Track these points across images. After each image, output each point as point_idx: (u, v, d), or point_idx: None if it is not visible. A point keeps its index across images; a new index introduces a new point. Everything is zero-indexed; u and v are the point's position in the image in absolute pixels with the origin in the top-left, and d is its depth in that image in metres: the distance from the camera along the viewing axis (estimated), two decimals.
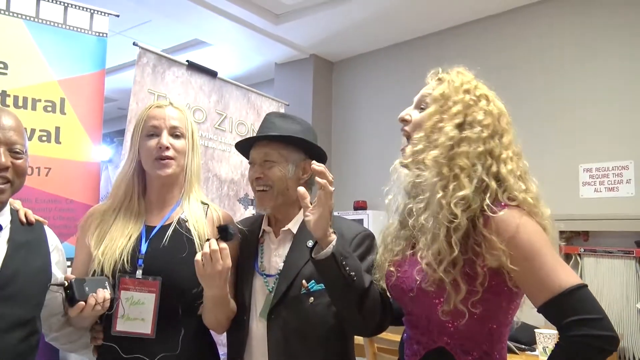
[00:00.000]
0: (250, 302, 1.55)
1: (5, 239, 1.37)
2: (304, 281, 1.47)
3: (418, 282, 1.24)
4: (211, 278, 1.36)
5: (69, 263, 2.06)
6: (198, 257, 1.35)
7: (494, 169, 1.23)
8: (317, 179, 1.29)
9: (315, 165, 1.30)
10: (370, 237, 1.57)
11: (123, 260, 1.46)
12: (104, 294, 1.37)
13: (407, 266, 1.31)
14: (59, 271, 1.51)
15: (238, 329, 1.55)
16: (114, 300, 1.43)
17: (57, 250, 1.52)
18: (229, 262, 1.37)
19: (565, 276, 1.11)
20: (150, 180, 1.60)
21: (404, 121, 1.38)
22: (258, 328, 1.52)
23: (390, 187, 1.42)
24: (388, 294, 1.41)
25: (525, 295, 1.22)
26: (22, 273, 1.34)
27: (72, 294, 1.32)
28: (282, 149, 1.58)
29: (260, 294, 1.55)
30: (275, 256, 1.58)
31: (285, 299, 1.49)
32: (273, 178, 1.56)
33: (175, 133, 1.57)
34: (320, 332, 1.47)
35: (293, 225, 1.60)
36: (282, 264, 1.54)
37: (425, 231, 1.24)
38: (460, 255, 1.17)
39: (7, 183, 1.35)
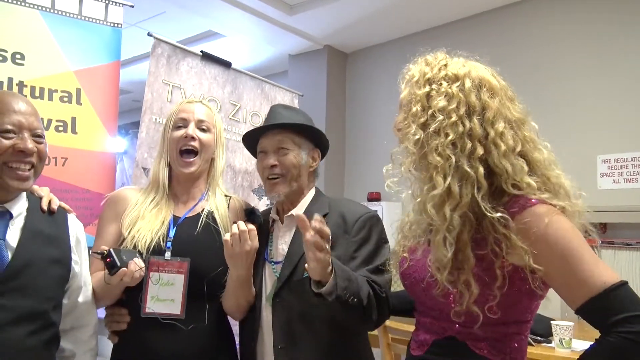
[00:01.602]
0: (260, 289, 1.58)
1: (20, 227, 1.33)
2: (306, 265, 1.47)
3: (430, 274, 1.19)
4: (239, 258, 1.43)
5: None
6: (227, 237, 1.42)
7: (479, 151, 1.13)
8: (308, 238, 1.26)
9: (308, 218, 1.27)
10: (372, 218, 1.57)
11: (159, 239, 1.52)
12: (140, 262, 1.42)
13: (421, 254, 1.26)
14: (78, 265, 1.46)
15: (250, 316, 1.58)
16: (145, 274, 1.47)
17: (77, 242, 1.48)
18: (256, 242, 1.45)
19: (606, 273, 1.04)
20: (175, 174, 1.66)
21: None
22: (267, 314, 1.54)
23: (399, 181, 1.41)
24: (400, 281, 1.39)
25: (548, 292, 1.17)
26: (34, 264, 1.30)
27: (113, 261, 1.35)
28: (295, 137, 1.61)
29: (270, 281, 1.58)
30: (282, 243, 1.61)
31: (289, 283, 1.51)
32: (288, 165, 1.58)
33: (201, 127, 1.63)
34: (324, 313, 1.46)
35: (297, 211, 1.61)
36: (287, 249, 1.57)
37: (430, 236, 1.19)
38: (469, 257, 1.11)
39: (32, 168, 1.33)
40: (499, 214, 1.09)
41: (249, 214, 1.47)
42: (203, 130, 1.63)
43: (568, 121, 3.58)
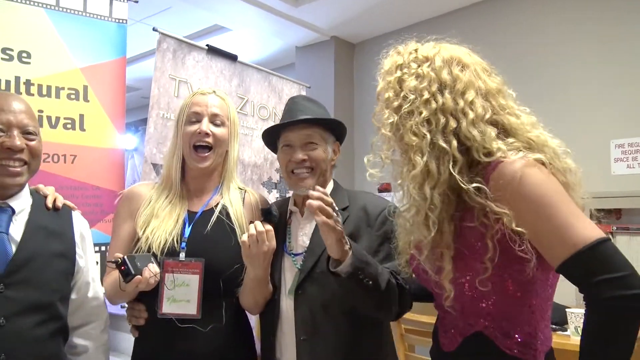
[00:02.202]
0: (280, 282, 1.57)
1: (23, 222, 1.37)
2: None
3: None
4: (256, 258, 1.42)
5: (96, 249, 2.10)
6: (244, 238, 1.41)
7: (451, 124, 1.12)
8: (310, 204, 1.26)
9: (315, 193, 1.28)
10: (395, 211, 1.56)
11: (173, 240, 1.50)
12: (155, 268, 1.41)
13: None
14: (83, 260, 1.50)
15: (269, 309, 1.58)
16: (160, 276, 1.46)
17: (82, 238, 1.51)
18: (274, 242, 1.43)
19: (584, 230, 0.98)
20: (189, 168, 1.64)
21: None
22: (287, 306, 1.53)
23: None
24: (414, 276, 1.38)
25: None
26: (38, 257, 1.34)
27: (127, 269, 1.35)
28: (322, 131, 1.61)
29: (289, 273, 1.57)
30: (301, 235, 1.60)
31: (312, 275, 1.50)
32: (318, 159, 1.58)
33: (215, 121, 1.59)
34: (347, 305, 1.46)
35: None
36: (308, 241, 1.56)
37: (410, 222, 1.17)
38: (447, 235, 1.10)
39: (25, 165, 1.36)
40: (473, 185, 1.08)
41: (266, 214, 1.44)
42: (217, 125, 1.60)
43: (580, 106, 3.51)
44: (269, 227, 1.42)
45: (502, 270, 1.09)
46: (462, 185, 1.09)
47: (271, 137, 1.70)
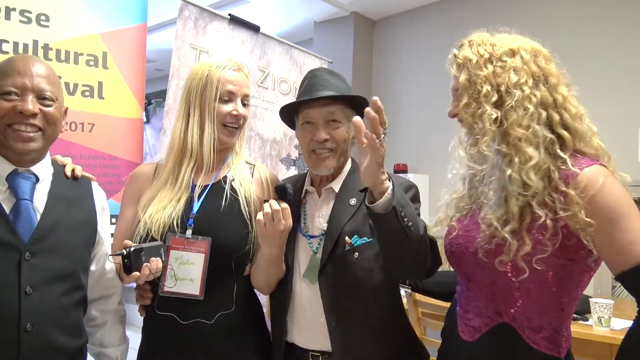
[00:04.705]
0: (293, 263, 1.52)
1: (46, 191, 1.36)
2: (346, 238, 1.44)
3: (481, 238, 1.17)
4: (272, 237, 1.37)
5: (113, 220, 2.05)
6: (260, 217, 1.35)
7: (556, 117, 1.15)
8: (368, 111, 1.16)
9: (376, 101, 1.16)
10: (414, 187, 1.51)
11: (172, 222, 1.44)
12: (157, 263, 1.36)
13: (471, 225, 1.24)
14: (104, 231, 1.48)
15: (281, 289, 1.53)
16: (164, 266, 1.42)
17: (102, 209, 1.50)
18: (290, 221, 1.38)
19: None
20: (208, 141, 1.54)
21: (455, 116, 1.28)
22: (301, 289, 1.49)
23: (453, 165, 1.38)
24: (445, 252, 1.35)
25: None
26: (62, 225, 1.33)
27: (129, 263, 1.32)
28: (346, 108, 1.52)
29: (304, 255, 1.52)
30: (318, 216, 1.54)
31: (332, 259, 1.45)
32: (340, 139, 1.49)
33: (244, 101, 1.55)
34: (369, 285, 1.43)
35: (335, 184, 1.55)
36: (326, 224, 1.50)
37: (491, 199, 1.17)
38: (530, 215, 1.11)
39: (39, 131, 1.32)
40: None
41: (281, 192, 1.38)
42: (245, 104, 1.55)
43: (607, 90, 3.44)
44: (284, 205, 1.36)
45: (548, 260, 1.10)
46: (553, 175, 1.12)
47: (289, 112, 1.61)
